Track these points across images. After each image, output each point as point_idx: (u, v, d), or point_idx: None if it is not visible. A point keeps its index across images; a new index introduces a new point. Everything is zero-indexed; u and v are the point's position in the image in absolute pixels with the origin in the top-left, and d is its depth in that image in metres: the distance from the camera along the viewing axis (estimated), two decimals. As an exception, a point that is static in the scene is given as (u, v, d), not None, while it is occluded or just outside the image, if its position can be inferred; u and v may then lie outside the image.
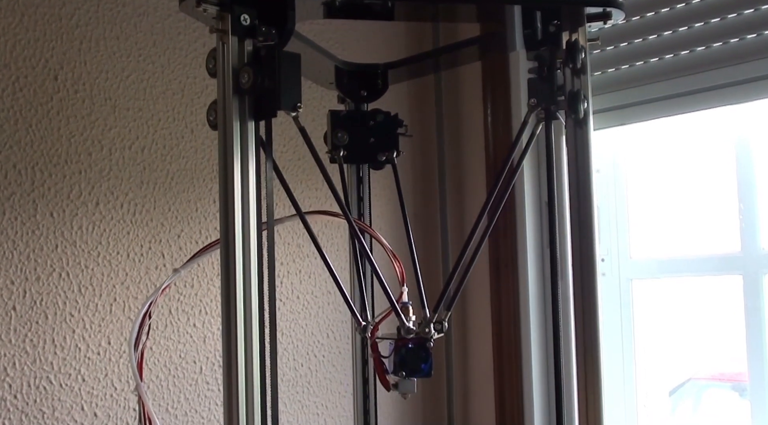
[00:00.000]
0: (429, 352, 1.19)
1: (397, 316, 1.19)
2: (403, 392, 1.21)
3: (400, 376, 1.20)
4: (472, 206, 2.25)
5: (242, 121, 1.09)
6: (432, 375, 1.19)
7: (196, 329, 1.76)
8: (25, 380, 1.50)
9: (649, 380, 2.09)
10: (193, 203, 1.77)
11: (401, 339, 1.19)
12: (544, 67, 1.20)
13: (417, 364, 1.19)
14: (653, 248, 2.09)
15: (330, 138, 1.38)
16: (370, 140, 1.40)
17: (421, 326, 1.19)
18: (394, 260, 1.26)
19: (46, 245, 1.55)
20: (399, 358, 1.19)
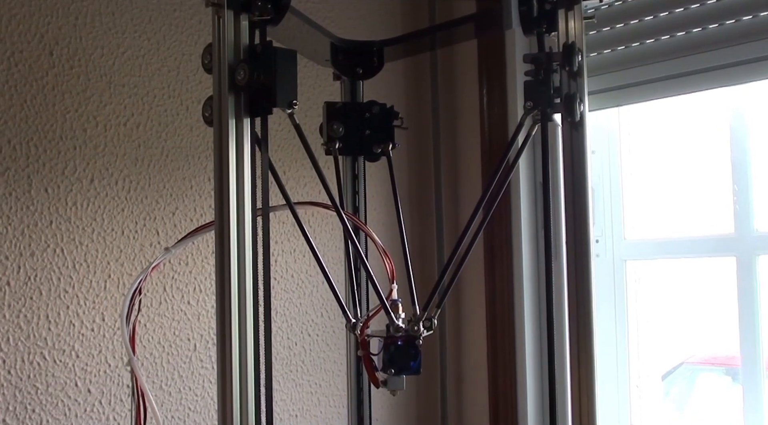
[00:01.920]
0: (418, 350, 1.20)
1: (386, 314, 1.19)
2: (392, 389, 1.22)
3: (389, 373, 1.21)
4: (467, 200, 2.24)
5: (238, 118, 1.09)
6: (421, 373, 1.20)
7: (190, 306, 1.76)
8: (18, 355, 1.51)
9: (643, 362, 2.10)
10: (188, 181, 1.77)
11: (390, 336, 1.20)
12: (540, 70, 1.21)
13: (406, 362, 1.20)
14: (647, 229, 2.10)
15: (325, 130, 1.38)
16: (366, 132, 1.40)
17: (411, 323, 1.20)
18: (385, 257, 1.27)
19: (40, 220, 1.55)
20: (388, 356, 1.20)
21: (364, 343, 1.23)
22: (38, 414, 1.52)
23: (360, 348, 1.25)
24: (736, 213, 1.87)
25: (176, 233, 1.73)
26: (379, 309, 1.23)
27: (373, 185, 1.54)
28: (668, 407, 2.15)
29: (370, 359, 1.23)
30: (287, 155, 1.93)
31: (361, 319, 1.29)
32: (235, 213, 1.12)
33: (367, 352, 1.23)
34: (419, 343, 1.20)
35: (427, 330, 1.20)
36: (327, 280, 1.23)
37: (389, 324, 1.20)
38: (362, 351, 1.23)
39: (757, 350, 1.83)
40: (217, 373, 1.11)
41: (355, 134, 1.38)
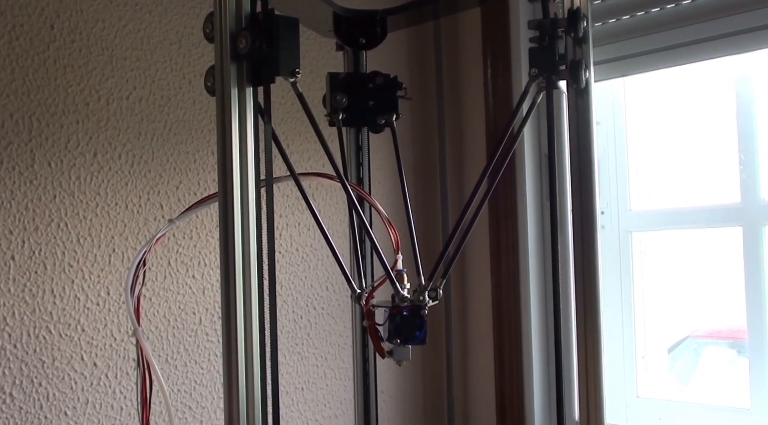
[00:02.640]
0: (423, 320, 1.19)
1: (391, 284, 1.19)
2: (398, 359, 1.22)
3: (394, 343, 1.20)
4: (471, 171, 2.24)
5: (240, 87, 1.08)
6: (426, 343, 1.20)
7: (195, 280, 1.76)
8: (24, 329, 1.51)
9: (648, 333, 2.10)
10: (191, 155, 1.77)
11: (396, 306, 1.20)
12: (545, 36, 1.19)
13: (411, 332, 1.20)
14: (653, 201, 2.09)
15: (329, 101, 1.37)
16: (369, 102, 1.39)
17: (416, 293, 1.19)
18: (389, 228, 1.26)
19: (44, 195, 1.55)
20: (393, 326, 1.20)
21: (369, 313, 1.23)
22: (45, 387, 1.53)
23: (365, 318, 1.25)
24: (742, 182, 1.86)
25: (180, 207, 1.73)
26: (384, 280, 1.22)
27: (377, 157, 1.53)
28: (673, 380, 2.15)
29: (375, 329, 1.23)
30: (290, 128, 1.92)
31: (366, 290, 1.29)
32: (239, 184, 1.11)
33: (373, 322, 1.23)
34: (425, 313, 1.19)
35: (433, 300, 1.20)
36: (332, 251, 1.23)
37: (394, 294, 1.19)
38: (367, 321, 1.23)
39: (764, 320, 1.83)
40: (223, 347, 1.10)
41: (359, 105, 1.37)
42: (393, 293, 1.20)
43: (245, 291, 1.11)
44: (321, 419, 1.99)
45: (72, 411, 1.56)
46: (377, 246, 1.21)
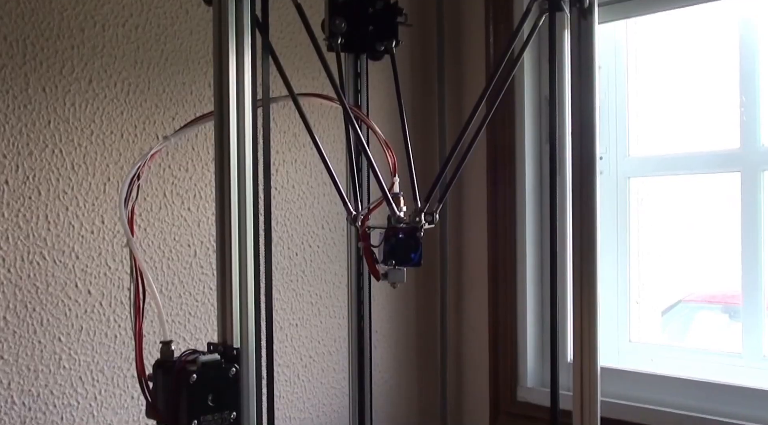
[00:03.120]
0: (419, 242, 1.19)
1: (387, 205, 1.18)
2: (393, 281, 1.21)
3: (389, 265, 1.20)
4: (470, 98, 2.23)
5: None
6: (422, 265, 1.19)
7: (190, 213, 1.75)
8: (18, 254, 1.50)
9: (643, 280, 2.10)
10: (188, 86, 1.75)
11: (391, 228, 1.19)
12: (548, -46, 1.18)
13: (406, 254, 1.19)
14: (652, 146, 2.08)
15: (328, 25, 1.35)
16: (369, 28, 1.37)
17: (412, 216, 1.18)
18: (387, 150, 1.25)
19: (38, 120, 1.53)
20: (389, 247, 1.19)
21: (365, 235, 1.22)
22: (38, 313, 1.53)
23: (361, 240, 1.24)
24: (742, 126, 1.85)
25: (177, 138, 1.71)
26: (380, 201, 1.22)
27: (375, 83, 1.51)
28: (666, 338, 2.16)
29: (371, 251, 1.22)
30: (287, 50, 1.89)
31: (362, 212, 1.28)
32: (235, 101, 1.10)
33: (368, 244, 1.22)
34: (420, 235, 1.19)
35: (429, 223, 1.19)
36: (327, 170, 1.22)
37: (390, 215, 1.19)
38: (363, 242, 1.23)
39: (759, 264, 1.83)
40: (217, 281, 1.10)
41: (358, 30, 1.35)
42: (389, 215, 1.19)
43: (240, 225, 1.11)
44: (315, 355, 2.00)
45: (66, 338, 1.56)
46: (374, 165, 1.20)
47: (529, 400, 2.10)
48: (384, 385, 2.17)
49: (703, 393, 1.84)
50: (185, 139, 1.74)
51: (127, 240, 1.00)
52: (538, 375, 2.13)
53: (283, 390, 1.93)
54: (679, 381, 1.89)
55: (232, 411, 1.03)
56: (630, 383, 1.96)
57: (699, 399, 1.84)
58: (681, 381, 1.89)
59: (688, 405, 1.85)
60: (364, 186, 1.40)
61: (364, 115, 1.35)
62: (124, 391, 1.64)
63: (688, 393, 1.86)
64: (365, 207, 1.33)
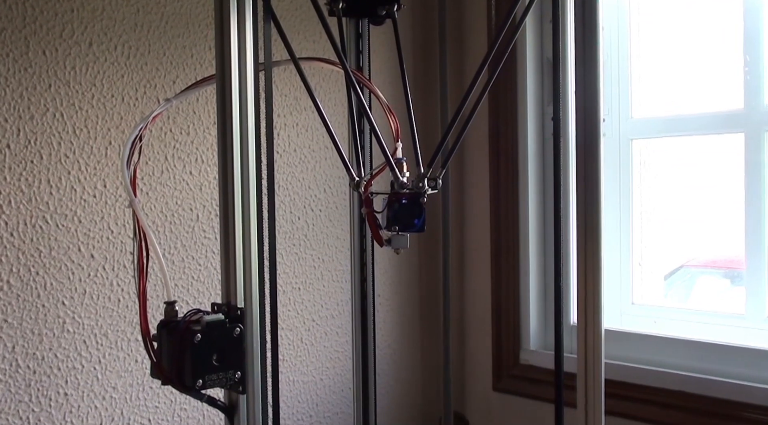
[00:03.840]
0: (422, 207, 1.18)
1: (390, 170, 1.18)
2: (396, 247, 1.21)
3: (393, 231, 1.19)
4: (472, 62, 2.21)
5: None
6: (425, 231, 1.19)
7: (192, 176, 1.75)
8: (21, 218, 1.50)
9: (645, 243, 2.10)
10: (189, 49, 1.74)
11: (394, 193, 1.18)
12: None
13: (410, 219, 1.19)
14: (655, 108, 2.07)
15: None
16: None
17: (415, 181, 1.18)
18: (389, 115, 1.24)
19: (39, 83, 1.52)
20: (392, 213, 1.19)
21: (368, 200, 1.22)
22: (42, 276, 1.53)
23: (364, 205, 1.24)
24: (746, 85, 1.84)
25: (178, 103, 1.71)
26: (384, 167, 1.21)
27: (377, 47, 1.50)
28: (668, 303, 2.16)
29: (374, 217, 1.22)
30: (289, 14, 1.88)
31: (365, 177, 1.28)
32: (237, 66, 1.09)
33: (371, 210, 1.22)
34: (423, 201, 1.18)
35: (432, 189, 1.19)
36: (330, 135, 1.21)
37: (393, 180, 1.18)
38: (366, 208, 1.22)
39: (763, 225, 1.83)
40: (221, 242, 1.10)
41: None
42: (392, 180, 1.18)
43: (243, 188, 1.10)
44: (318, 319, 2.00)
45: (69, 301, 1.57)
46: (377, 130, 1.19)
47: (532, 363, 2.11)
48: (387, 348, 2.18)
49: (706, 354, 1.85)
50: (186, 102, 1.73)
51: (129, 201, 1.00)
52: (541, 337, 2.13)
53: (286, 354, 1.94)
54: (683, 343, 1.90)
55: (236, 371, 1.03)
56: (633, 345, 1.97)
57: (702, 360, 1.85)
58: (684, 342, 1.89)
59: (691, 366, 1.86)
60: (366, 151, 1.39)
61: (366, 79, 1.34)
62: (128, 354, 1.65)
63: (692, 355, 1.87)
64: (368, 173, 1.33)
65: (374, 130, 1.19)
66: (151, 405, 1.69)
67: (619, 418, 1.87)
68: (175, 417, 1.73)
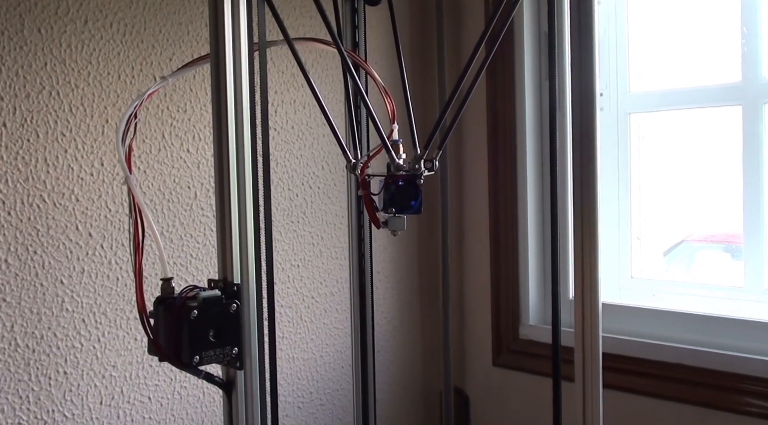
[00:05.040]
0: (419, 189, 1.18)
1: (387, 152, 1.17)
2: (393, 229, 1.21)
3: (389, 213, 1.20)
4: (469, 41, 2.20)
5: None
6: (422, 212, 1.19)
7: (189, 154, 1.74)
8: (18, 197, 1.50)
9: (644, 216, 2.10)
10: (185, 26, 1.73)
11: (391, 175, 1.18)
12: None
13: (406, 201, 1.19)
14: (653, 82, 2.06)
15: None
16: None
17: (412, 163, 1.18)
18: (385, 96, 1.24)
19: (34, 62, 1.52)
20: (389, 195, 1.19)
21: (364, 183, 1.22)
22: (40, 255, 1.53)
23: (360, 187, 1.24)
24: (744, 58, 1.83)
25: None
26: (380, 149, 1.21)
27: (372, 27, 1.50)
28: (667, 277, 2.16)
29: (371, 199, 1.22)
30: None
31: (361, 159, 1.28)
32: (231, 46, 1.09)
33: (368, 192, 1.22)
34: (420, 182, 1.18)
35: (429, 170, 1.19)
36: (326, 117, 1.21)
37: (390, 162, 1.18)
38: (363, 190, 1.22)
39: (761, 198, 1.83)
40: (216, 217, 1.10)
41: None
42: (388, 162, 1.18)
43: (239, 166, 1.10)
44: (317, 296, 2.00)
45: (68, 280, 1.57)
46: (373, 112, 1.19)
47: (531, 337, 2.12)
48: (387, 325, 2.18)
49: (704, 326, 1.85)
50: (183, 79, 1.73)
51: (125, 178, 0.99)
52: (540, 312, 2.14)
53: (285, 331, 1.94)
54: (681, 316, 1.90)
55: (233, 347, 1.03)
56: (631, 318, 1.97)
57: (700, 332, 1.85)
58: (682, 315, 1.90)
59: (689, 339, 1.86)
60: (363, 133, 1.39)
61: (362, 60, 1.34)
62: (127, 333, 1.65)
63: (690, 327, 1.87)
64: (365, 154, 1.33)
65: (370, 112, 1.19)
66: (151, 383, 1.69)
67: (617, 391, 1.88)
68: (175, 394, 1.73)
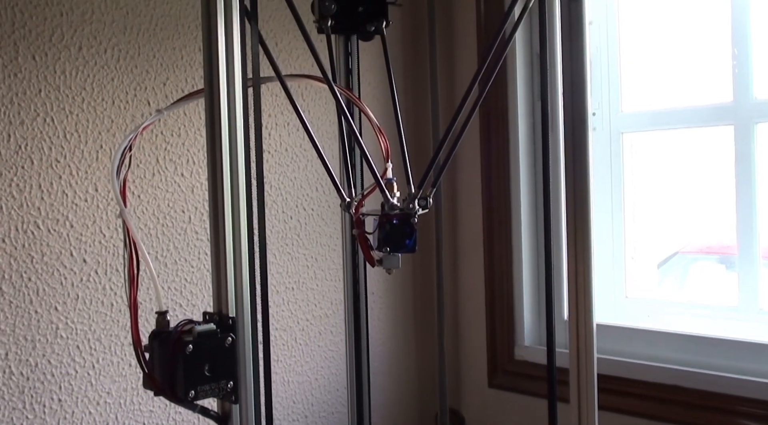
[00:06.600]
0: (413, 228, 1.19)
1: (381, 192, 1.18)
2: (388, 267, 1.21)
3: (384, 252, 1.20)
4: (462, 76, 2.21)
5: None
6: (416, 251, 1.20)
7: (183, 178, 1.75)
8: (12, 224, 1.50)
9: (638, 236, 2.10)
10: (178, 51, 1.74)
11: (385, 215, 1.19)
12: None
13: (401, 240, 1.19)
14: (645, 101, 2.07)
15: (317, 7, 1.34)
16: (359, 8, 1.36)
17: (406, 202, 1.18)
18: (379, 135, 1.24)
19: (29, 88, 1.52)
20: (383, 234, 1.19)
21: (359, 222, 1.22)
22: (34, 282, 1.53)
23: (355, 226, 1.24)
24: (735, 78, 1.84)
25: (168, 103, 1.70)
26: (374, 188, 1.21)
27: (366, 65, 1.50)
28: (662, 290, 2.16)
29: (365, 238, 1.22)
30: (278, 26, 1.89)
31: (355, 198, 1.28)
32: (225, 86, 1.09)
33: (362, 231, 1.22)
34: (414, 221, 1.19)
35: (423, 209, 1.20)
36: (321, 158, 1.21)
37: (384, 202, 1.19)
38: (357, 229, 1.23)
39: (754, 218, 1.83)
40: (211, 250, 1.10)
41: (348, 12, 1.34)
42: (383, 202, 1.19)
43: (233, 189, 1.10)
44: (311, 318, 2.00)
45: (62, 307, 1.57)
46: (367, 154, 1.19)
47: (526, 358, 2.12)
48: (381, 346, 2.18)
49: (699, 347, 1.85)
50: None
51: (120, 211, 0.99)
52: (535, 333, 2.14)
53: (280, 354, 1.94)
54: (676, 337, 1.90)
55: (229, 381, 1.03)
56: (627, 339, 1.97)
57: (696, 353, 1.86)
58: (677, 336, 1.90)
59: (685, 360, 1.86)
60: (357, 170, 1.40)
61: (356, 97, 1.34)
62: (121, 359, 1.65)
63: (685, 348, 1.88)
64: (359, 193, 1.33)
65: (364, 153, 1.19)
66: (146, 410, 1.69)
67: (612, 413, 1.88)
68: (170, 421, 1.73)
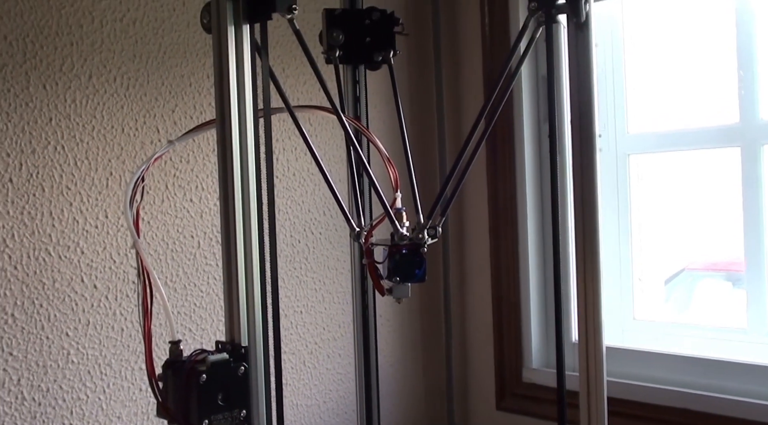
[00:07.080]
0: (423, 258, 1.20)
1: (390, 222, 1.19)
2: (398, 297, 1.23)
3: (394, 281, 1.21)
4: (469, 108, 2.23)
5: (237, 24, 1.07)
6: (426, 280, 1.21)
7: (192, 204, 1.76)
8: (24, 251, 1.51)
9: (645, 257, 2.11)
10: (187, 78, 1.75)
11: (395, 245, 1.20)
12: (544, -32, 1.18)
13: (411, 270, 1.21)
14: (651, 123, 2.08)
15: (325, 38, 1.36)
16: (366, 39, 1.38)
17: (415, 232, 1.19)
18: (388, 165, 1.26)
19: (40, 117, 1.54)
20: (393, 264, 1.21)
21: (368, 251, 1.24)
22: (45, 309, 1.54)
23: (365, 256, 1.25)
24: (741, 100, 1.85)
25: (176, 130, 1.72)
26: (383, 218, 1.23)
27: (374, 95, 1.52)
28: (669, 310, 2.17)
29: (375, 267, 1.24)
30: (288, 58, 1.90)
31: (365, 228, 1.29)
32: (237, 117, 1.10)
33: (372, 260, 1.24)
34: (424, 251, 1.20)
35: (432, 238, 1.21)
36: (330, 189, 1.23)
37: (393, 232, 1.20)
38: (367, 259, 1.24)
39: (761, 240, 1.84)
40: (224, 279, 1.11)
41: (356, 42, 1.36)
42: (392, 232, 1.20)
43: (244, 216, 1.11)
44: (320, 342, 2.01)
45: (73, 332, 1.58)
46: (376, 184, 1.21)
47: (534, 381, 2.12)
48: (390, 369, 2.19)
49: (708, 370, 1.86)
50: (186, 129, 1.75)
51: (133, 242, 1.01)
52: (543, 355, 2.14)
53: (289, 378, 1.95)
54: (685, 359, 1.90)
55: (241, 410, 1.04)
56: (636, 361, 1.97)
57: (705, 376, 1.86)
58: (687, 359, 1.90)
59: (694, 383, 1.86)
60: (366, 199, 1.41)
61: (365, 128, 1.36)
62: (132, 384, 1.66)
63: (695, 371, 1.88)
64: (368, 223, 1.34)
65: (374, 184, 1.21)
66: (157, 434, 1.70)
67: (622, 435, 1.88)
68: (181, 444, 1.73)
